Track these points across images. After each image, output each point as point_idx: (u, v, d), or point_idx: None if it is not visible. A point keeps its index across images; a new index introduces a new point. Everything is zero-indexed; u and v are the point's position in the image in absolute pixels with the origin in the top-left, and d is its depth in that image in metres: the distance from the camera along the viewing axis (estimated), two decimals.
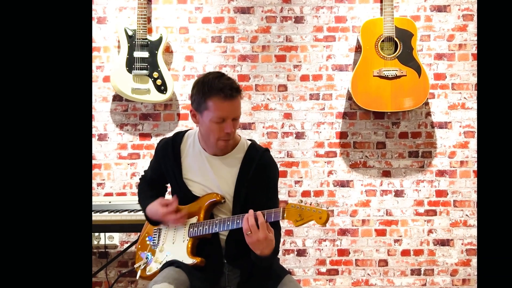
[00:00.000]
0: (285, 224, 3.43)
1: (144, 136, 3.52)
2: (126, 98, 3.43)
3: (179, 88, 3.53)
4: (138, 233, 3.07)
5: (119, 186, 3.51)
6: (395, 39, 3.34)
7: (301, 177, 3.52)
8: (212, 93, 1.91)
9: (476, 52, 3.48)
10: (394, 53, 3.34)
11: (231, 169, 2.05)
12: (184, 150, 2.11)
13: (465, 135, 3.51)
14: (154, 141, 3.49)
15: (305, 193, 3.51)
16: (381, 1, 3.47)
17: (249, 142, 2.12)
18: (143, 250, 2.19)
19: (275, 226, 1.96)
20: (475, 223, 3.47)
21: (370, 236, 3.50)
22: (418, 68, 3.33)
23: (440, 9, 3.54)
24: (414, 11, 3.53)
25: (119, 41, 3.43)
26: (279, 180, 2.24)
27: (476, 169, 3.44)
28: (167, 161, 2.11)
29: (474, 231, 3.47)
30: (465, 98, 3.52)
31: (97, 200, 3.18)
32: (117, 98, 3.52)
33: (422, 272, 3.48)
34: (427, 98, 3.45)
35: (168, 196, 2.24)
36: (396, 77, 3.32)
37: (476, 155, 3.46)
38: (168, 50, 3.53)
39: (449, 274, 3.48)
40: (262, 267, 1.94)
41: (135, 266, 2.16)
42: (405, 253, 3.49)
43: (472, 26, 3.52)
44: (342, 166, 3.51)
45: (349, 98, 3.50)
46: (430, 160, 3.51)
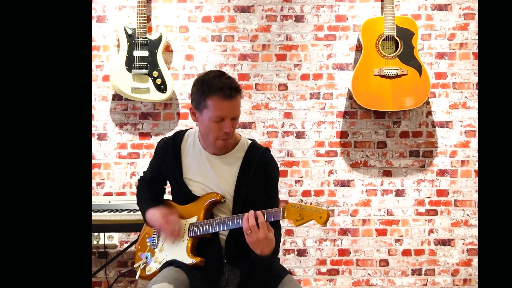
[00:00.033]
0: (286, 224, 3.42)
1: (144, 136, 3.51)
2: (126, 97, 3.42)
3: (179, 87, 3.52)
4: (138, 233, 3.07)
5: (119, 186, 3.50)
6: (396, 38, 3.33)
7: (302, 177, 3.51)
8: (212, 92, 1.91)
9: (477, 51, 3.48)
10: (395, 52, 3.33)
11: (232, 169, 2.04)
12: (185, 150, 2.11)
13: (466, 135, 3.50)
14: (154, 141, 3.48)
15: (306, 193, 3.50)
16: (382, 0, 3.46)
17: (250, 142, 2.11)
18: (143, 250, 2.18)
19: (276, 226, 1.96)
20: (476, 223, 3.46)
21: (371, 236, 3.49)
22: (419, 67, 3.32)
23: (441, 8, 3.53)
24: (415, 10, 3.52)
25: (119, 40, 3.42)
26: (280, 180, 2.24)
27: (477, 169, 3.46)
28: (167, 161, 2.11)
29: (475, 231, 3.46)
30: (466, 97, 3.51)
31: (97, 200, 3.17)
32: (117, 97, 3.51)
33: (423, 272, 3.47)
34: (428, 97, 3.45)
35: (168, 196, 2.26)
36: (397, 76, 3.31)
37: (477, 155, 3.46)
38: (168, 49, 3.52)
39: (450, 274, 3.47)
40: (262, 267, 1.93)
41: (135, 266, 2.16)
42: (406, 253, 3.48)
43: (473, 25, 3.51)
44: (343, 166, 3.51)
45: (350, 97, 3.49)
46: (431, 160, 3.50)
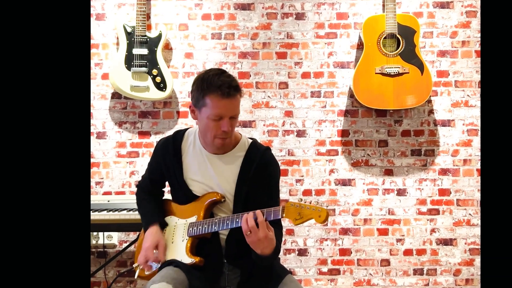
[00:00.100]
0: (286, 223, 3.40)
1: (143, 134, 3.50)
2: (125, 96, 3.41)
3: (179, 86, 3.50)
4: (137, 232, 3.07)
5: (118, 185, 3.48)
6: (398, 36, 3.32)
7: (302, 176, 3.49)
8: (210, 90, 1.91)
9: (480, 49, 3.48)
10: (397, 50, 3.32)
11: (232, 168, 2.03)
12: (185, 149, 2.10)
13: (468, 133, 3.49)
14: (154, 139, 3.47)
15: (306, 192, 3.48)
16: None
17: (250, 141, 2.11)
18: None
19: (276, 225, 1.95)
20: (479, 222, 3.45)
21: (372, 236, 3.47)
22: (421, 65, 3.30)
23: (443, 6, 3.51)
24: (417, 8, 3.51)
25: (118, 38, 3.41)
26: (280, 179, 2.23)
27: (480, 168, 3.45)
28: (168, 160, 2.10)
29: (478, 231, 3.45)
30: (469, 96, 3.49)
31: (96, 199, 3.17)
32: (116, 96, 3.50)
33: (425, 272, 3.46)
34: (430, 96, 3.43)
35: (167, 196, 2.25)
36: (399, 75, 3.30)
37: (480, 154, 3.45)
38: (168, 47, 3.51)
39: (452, 274, 3.46)
40: (263, 267, 1.93)
41: (134, 266, 2.15)
42: (408, 253, 3.46)
43: (476, 23, 3.50)
44: (344, 165, 3.49)
45: (351, 96, 3.47)
46: (433, 159, 3.48)
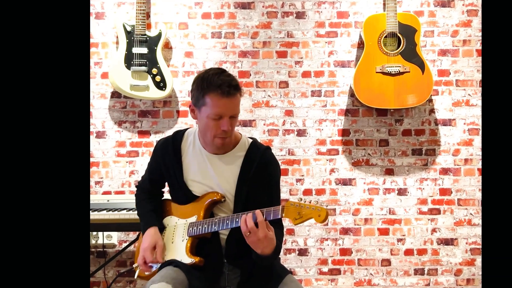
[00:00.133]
0: (286, 223, 3.39)
1: (143, 134, 3.49)
2: (125, 95, 3.40)
3: (179, 85, 3.49)
4: (137, 232, 3.06)
5: (118, 185, 3.47)
6: (398, 35, 3.31)
7: (303, 175, 3.48)
8: (210, 89, 1.90)
9: (481, 48, 3.47)
10: (397, 49, 3.31)
11: (232, 168, 2.03)
12: (185, 149, 2.10)
13: (470, 133, 3.47)
14: (153, 139, 3.46)
15: (307, 192, 3.47)
16: None
17: (250, 141, 2.10)
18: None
19: (277, 225, 1.95)
20: (480, 222, 3.44)
21: (373, 235, 3.46)
22: (422, 65, 3.29)
23: (444, 4, 3.50)
24: (418, 6, 3.49)
25: (118, 37, 3.40)
26: (281, 179, 2.23)
27: (481, 167, 3.44)
28: (167, 161, 2.09)
29: (479, 230, 3.44)
30: (470, 95, 3.48)
31: (95, 199, 3.16)
32: (116, 95, 3.49)
33: (426, 272, 3.45)
34: (431, 95, 3.42)
35: (167, 195, 2.24)
36: (399, 74, 3.29)
37: (481, 153, 3.44)
38: (167, 46, 3.50)
39: (453, 274, 3.44)
40: (263, 267, 1.92)
41: (134, 266, 2.15)
42: (409, 253, 3.45)
43: (477, 22, 3.49)
44: (344, 164, 3.48)
45: (352, 95, 3.46)
46: (434, 158, 3.47)
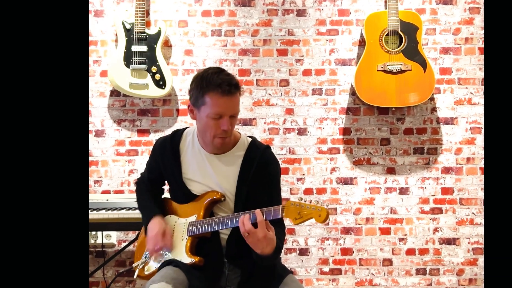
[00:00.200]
0: (287, 223, 3.35)
1: (142, 132, 3.48)
2: (124, 93, 3.39)
3: (178, 83, 3.48)
4: (136, 232, 3.05)
5: (117, 184, 3.46)
6: (400, 33, 3.30)
7: (303, 174, 3.46)
8: (210, 89, 1.90)
9: (483, 46, 3.46)
10: (399, 47, 3.30)
11: (232, 168, 2.02)
12: (183, 149, 2.09)
13: (472, 131, 3.46)
14: (153, 138, 3.45)
15: (308, 191, 3.46)
16: None
17: (250, 140, 2.09)
18: (142, 249, 2.16)
19: (278, 224, 1.95)
20: (482, 222, 3.43)
21: (374, 235, 3.45)
22: (424, 63, 3.28)
23: (446, 2, 3.48)
24: (419, 4, 3.48)
25: (117, 35, 3.39)
26: (281, 178, 2.23)
27: (483, 166, 3.43)
28: (166, 160, 2.09)
29: (481, 230, 3.43)
30: (472, 93, 3.47)
31: (94, 198, 3.16)
32: (115, 93, 3.48)
33: (428, 272, 3.43)
34: (433, 93, 3.41)
35: (166, 194, 2.23)
36: (401, 72, 3.28)
37: (483, 152, 3.42)
38: (167, 44, 3.49)
39: (455, 274, 3.43)
40: (264, 267, 1.92)
41: (134, 265, 2.15)
42: (410, 252, 3.44)
43: (479, 19, 3.48)
44: (346, 163, 3.46)
45: (353, 93, 3.45)
46: (436, 157, 3.46)
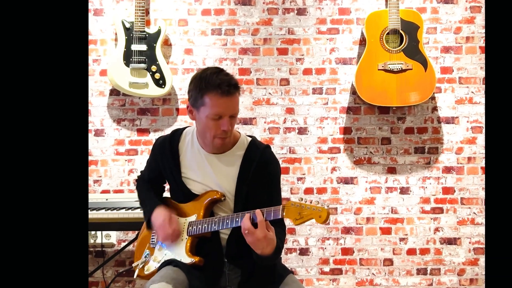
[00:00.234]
0: (288, 222, 3.34)
1: (142, 132, 3.47)
2: (124, 93, 3.38)
3: (178, 82, 3.47)
4: (136, 231, 3.04)
5: (116, 183, 3.46)
6: (401, 32, 3.29)
7: (304, 174, 3.45)
8: (209, 89, 1.89)
9: (484, 45, 3.45)
10: (400, 46, 3.29)
11: (231, 168, 2.01)
12: (183, 149, 2.08)
13: (473, 131, 3.45)
14: (152, 137, 3.44)
15: (308, 190, 3.45)
16: None
17: (249, 139, 2.09)
18: (142, 249, 2.16)
19: (278, 224, 1.95)
20: (483, 221, 3.42)
21: (375, 235, 3.44)
22: (424, 62, 3.28)
23: (447, 1, 3.48)
24: (420, 3, 3.47)
25: (116, 34, 3.38)
26: (281, 177, 2.22)
27: (484, 166, 3.42)
28: (165, 160, 2.09)
29: (482, 230, 3.42)
30: (473, 93, 3.46)
31: (94, 198, 3.15)
32: (114, 93, 3.47)
33: (429, 272, 3.43)
34: (434, 93, 3.40)
35: (167, 194, 2.23)
36: (402, 71, 3.27)
37: (484, 151, 3.41)
38: (167, 43, 3.48)
39: (456, 274, 3.42)
40: (264, 267, 1.91)
41: (133, 265, 2.15)
42: (411, 252, 3.43)
43: (480, 18, 3.47)
44: (346, 163, 3.45)
45: (353, 93, 3.44)
46: (437, 156, 3.45)
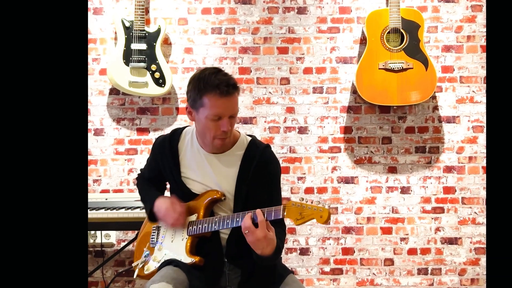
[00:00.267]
0: (288, 222, 3.33)
1: (142, 131, 3.46)
2: (123, 92, 3.38)
3: (178, 81, 3.46)
4: (136, 231, 3.03)
5: (116, 183, 3.45)
6: (401, 31, 3.28)
7: (304, 173, 3.45)
8: (208, 90, 1.88)
9: (485, 44, 3.45)
10: (400, 45, 3.28)
11: (231, 167, 2.01)
12: (182, 148, 2.08)
13: (474, 130, 3.44)
14: (152, 136, 3.44)
15: (308, 190, 3.44)
16: None
17: (249, 139, 2.08)
18: (141, 249, 2.15)
19: (279, 224, 1.94)
20: (484, 221, 3.42)
21: (376, 235, 3.43)
22: (425, 61, 3.27)
23: (448, 0, 3.45)
24: (421, 2, 3.47)
25: (116, 33, 3.38)
26: (282, 177, 2.22)
27: (485, 165, 3.42)
28: (165, 160, 2.08)
29: (483, 229, 3.41)
30: (474, 92, 3.45)
31: (93, 197, 3.15)
32: (114, 92, 3.47)
33: (429, 272, 3.42)
34: (435, 92, 3.39)
35: (167, 193, 2.21)
36: (403, 70, 3.27)
37: (485, 151, 3.41)
38: (167, 42, 3.48)
39: (457, 274, 3.42)
40: (264, 267, 1.91)
41: (133, 265, 2.14)
42: (412, 252, 3.42)
43: (481, 17, 3.46)
44: (347, 162, 3.44)
45: (354, 92, 3.43)
46: (438, 156, 3.44)
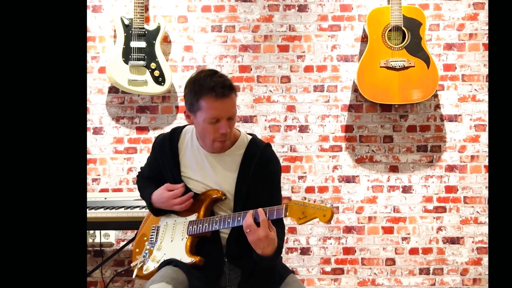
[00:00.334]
0: (288, 221, 3.35)
1: (141, 130, 3.45)
2: (123, 90, 3.37)
3: (178, 80, 3.45)
4: (135, 231, 3.02)
5: (115, 182, 3.44)
6: (403, 29, 3.27)
7: (305, 173, 3.43)
8: (204, 93, 1.87)
9: (487, 42, 3.44)
10: (402, 43, 3.27)
11: (231, 167, 2.00)
12: (182, 147, 2.07)
13: (476, 129, 3.42)
14: (152, 135, 3.43)
15: (309, 189, 3.43)
16: None
17: (250, 137, 2.07)
18: (140, 249, 2.14)
19: (278, 224, 1.93)
20: (486, 220, 3.41)
21: (377, 234, 3.42)
22: (427, 59, 3.26)
23: None
24: None
25: (115, 31, 3.37)
26: (282, 176, 2.21)
27: (488, 164, 3.42)
28: (165, 159, 2.08)
29: (485, 229, 3.40)
30: (476, 90, 3.43)
31: (92, 196, 3.14)
32: (113, 90, 3.45)
33: (431, 272, 3.41)
34: (436, 90, 3.39)
35: None
36: (404, 68, 3.26)
37: (487, 149, 3.41)
38: (166, 40, 3.46)
39: (459, 274, 3.40)
40: (265, 267, 1.89)
41: (132, 265, 2.12)
42: (413, 252, 3.41)
43: (483, 15, 3.45)
44: (348, 161, 3.43)
45: (355, 90, 3.42)
46: (440, 155, 3.42)
